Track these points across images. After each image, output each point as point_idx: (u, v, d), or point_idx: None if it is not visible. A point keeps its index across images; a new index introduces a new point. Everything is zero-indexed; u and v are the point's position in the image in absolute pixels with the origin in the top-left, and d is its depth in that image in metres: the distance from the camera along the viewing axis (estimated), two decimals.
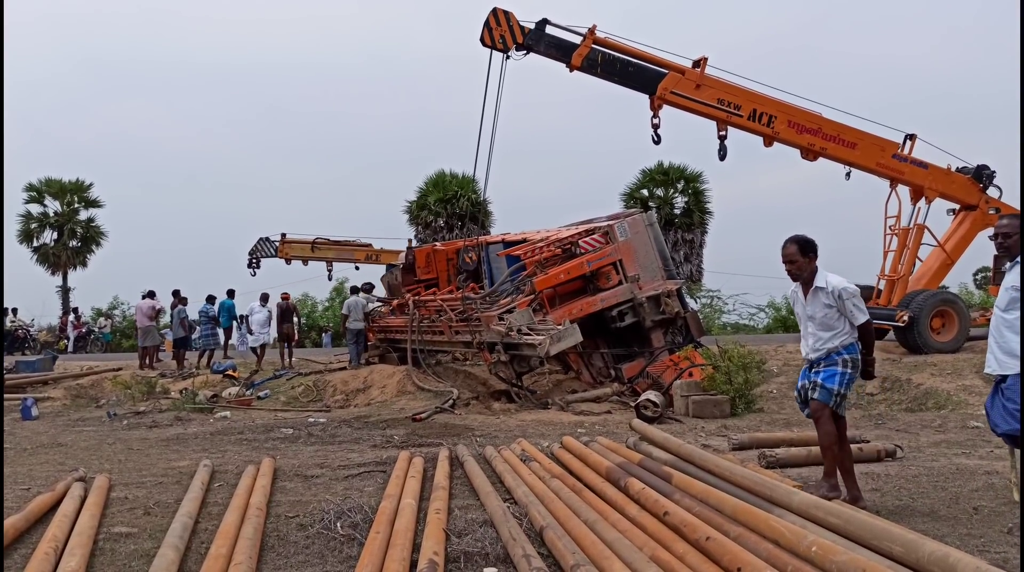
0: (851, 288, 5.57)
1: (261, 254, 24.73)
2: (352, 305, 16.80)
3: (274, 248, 24.75)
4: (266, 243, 24.72)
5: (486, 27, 13.14)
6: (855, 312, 5.51)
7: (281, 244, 24.80)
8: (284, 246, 24.86)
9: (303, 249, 25.18)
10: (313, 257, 25.33)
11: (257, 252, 24.71)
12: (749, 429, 9.87)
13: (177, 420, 12.25)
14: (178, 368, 17.82)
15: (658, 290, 13.68)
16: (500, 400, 13.19)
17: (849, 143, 14.43)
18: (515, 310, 12.39)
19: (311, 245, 25.24)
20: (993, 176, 15.46)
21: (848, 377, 5.53)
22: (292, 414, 12.88)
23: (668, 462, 6.11)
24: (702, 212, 33.02)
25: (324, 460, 8.07)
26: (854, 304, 5.52)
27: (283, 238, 24.88)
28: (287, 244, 24.92)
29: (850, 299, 5.51)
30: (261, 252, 24.73)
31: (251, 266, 24.72)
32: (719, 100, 13.73)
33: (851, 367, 5.54)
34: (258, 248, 24.73)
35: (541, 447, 8.09)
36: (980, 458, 7.48)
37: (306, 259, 25.36)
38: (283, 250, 24.84)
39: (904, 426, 9.94)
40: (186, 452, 8.97)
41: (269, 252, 24.75)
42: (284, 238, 24.91)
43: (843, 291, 5.54)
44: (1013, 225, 4.98)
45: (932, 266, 15.85)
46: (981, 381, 12.31)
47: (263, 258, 24.78)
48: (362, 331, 16.70)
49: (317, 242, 25.30)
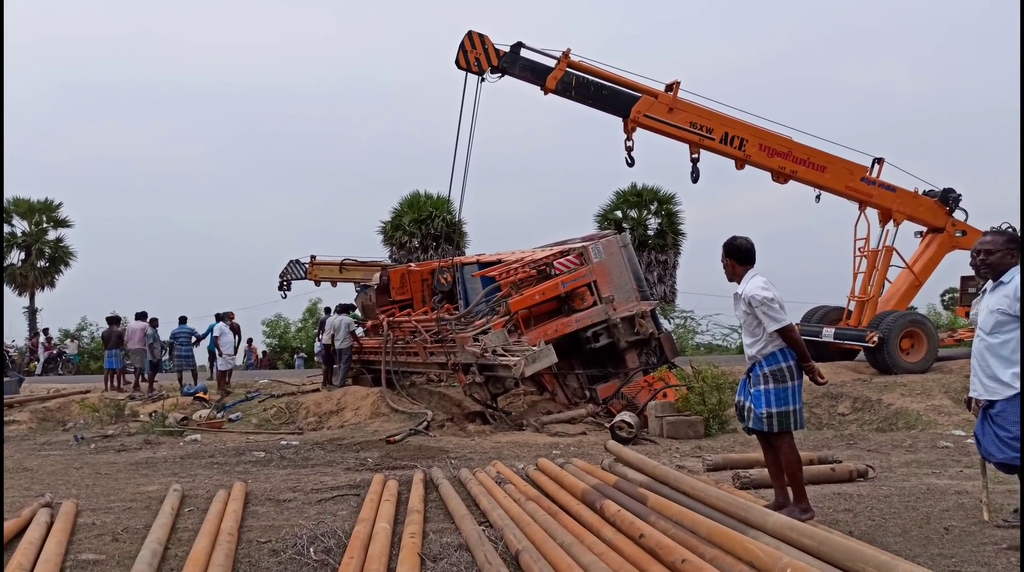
0: (763, 295, 5.33)
1: (292, 277, 24.60)
2: (336, 324, 16.66)
3: (304, 270, 24.57)
4: (296, 266, 24.58)
5: (461, 50, 13.23)
6: (765, 320, 5.31)
7: (311, 266, 24.58)
8: (313, 268, 24.65)
9: (331, 270, 24.95)
10: (341, 278, 25.05)
11: (288, 274, 24.58)
12: (723, 449, 9.91)
13: (146, 443, 12.05)
14: (148, 390, 17.56)
15: (632, 311, 13.74)
16: (475, 422, 13.14)
17: (819, 166, 14.67)
18: (490, 331, 12.39)
19: (339, 266, 25.03)
20: (959, 199, 15.77)
21: (774, 393, 5.35)
22: (264, 437, 12.72)
23: (643, 484, 6.11)
24: (675, 233, 33.26)
25: (297, 484, 7.97)
26: (764, 312, 5.31)
27: (312, 260, 24.65)
28: (316, 266, 24.69)
29: (760, 306, 5.31)
30: (291, 274, 24.60)
31: (282, 289, 24.72)
32: (692, 123, 13.91)
33: (773, 381, 5.35)
34: (288, 270, 24.59)
35: (516, 469, 8.05)
36: (950, 478, 7.56)
37: (335, 281, 25.15)
38: (312, 272, 24.66)
39: (875, 446, 10.03)
40: (155, 476, 8.82)
41: (299, 274, 24.60)
42: (313, 260, 24.68)
43: (752, 298, 5.36)
44: (996, 242, 4.84)
45: (901, 287, 16.10)
46: (950, 401, 12.49)
47: (293, 280, 24.68)
48: (348, 350, 16.55)
49: (345, 263, 25.05)
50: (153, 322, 18.66)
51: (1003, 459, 4.68)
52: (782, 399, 5.38)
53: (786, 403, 5.38)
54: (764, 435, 5.57)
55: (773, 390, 5.38)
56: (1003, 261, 4.78)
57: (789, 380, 5.39)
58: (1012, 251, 4.76)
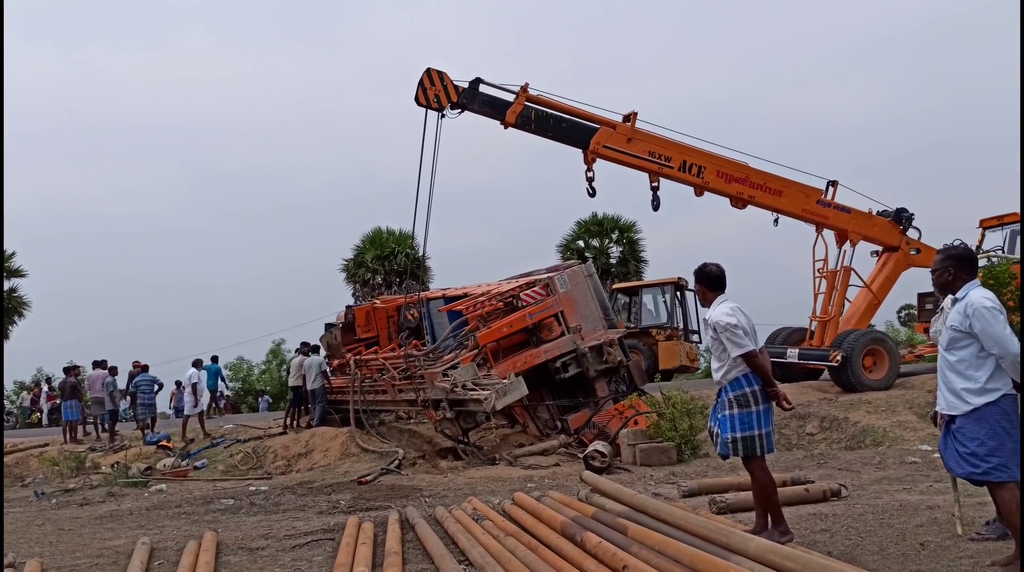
0: (726, 321, 5.42)
1: None
2: (308, 365, 16.53)
3: None
4: None
5: (420, 87, 13.31)
6: (729, 345, 5.40)
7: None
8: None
9: None
10: None
11: None
12: (697, 475, 9.94)
13: (110, 496, 11.72)
14: (109, 441, 17.11)
15: (600, 340, 13.78)
16: (447, 458, 13.02)
17: (775, 191, 14.95)
18: (459, 366, 12.33)
19: None
20: (912, 218, 16.17)
21: (738, 418, 5.40)
22: (232, 483, 12.45)
23: (622, 513, 6.10)
24: (637, 261, 33.55)
25: (269, 530, 7.80)
26: (727, 337, 5.40)
27: None
28: None
29: (724, 332, 5.41)
30: None
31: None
32: (650, 153, 14.11)
33: (737, 406, 5.42)
34: None
35: (492, 504, 7.98)
36: (921, 493, 7.67)
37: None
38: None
39: (846, 464, 10.14)
40: (121, 530, 8.57)
41: None
42: None
43: (717, 324, 5.45)
44: (936, 261, 4.88)
45: (860, 306, 16.39)
46: (915, 416, 12.70)
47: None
48: (321, 390, 16.34)
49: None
50: (112, 370, 18.28)
51: (961, 474, 4.75)
52: (746, 424, 5.43)
53: (751, 428, 5.43)
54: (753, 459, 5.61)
55: (738, 415, 5.44)
56: (942, 278, 4.85)
57: (753, 405, 5.45)
58: (949, 268, 4.80)
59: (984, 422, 4.56)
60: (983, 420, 4.56)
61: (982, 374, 4.58)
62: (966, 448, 4.64)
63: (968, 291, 4.71)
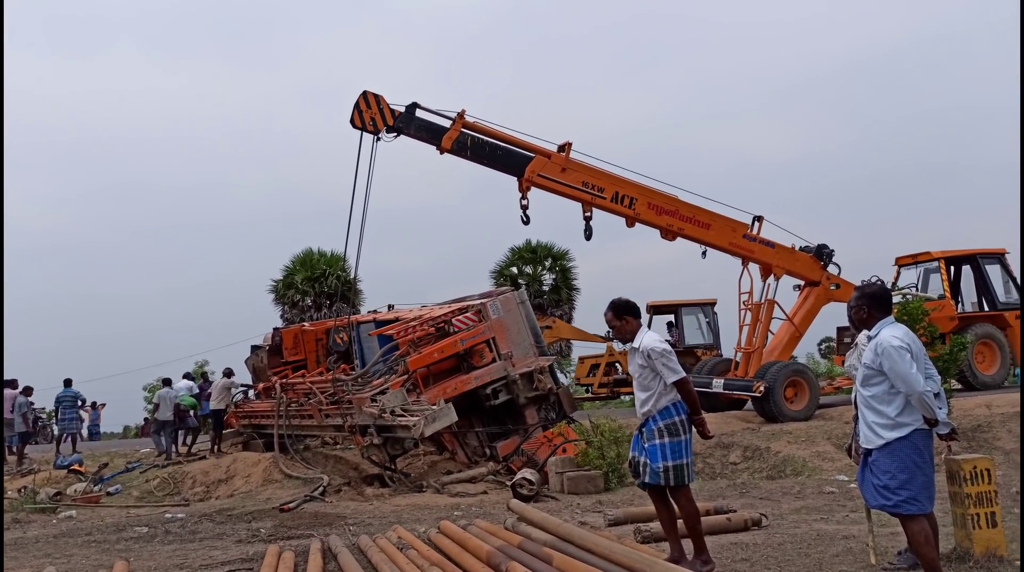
0: (661, 347, 5.54)
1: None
2: (161, 396, 16.79)
3: None
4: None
5: (356, 109, 13.23)
6: (665, 371, 5.47)
7: None
8: None
9: None
10: None
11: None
12: (623, 504, 10.01)
13: (15, 522, 11.14)
14: (17, 464, 16.31)
15: (531, 367, 13.81)
16: (373, 485, 12.81)
17: (704, 224, 15.31)
18: (388, 391, 12.19)
19: None
20: (832, 254, 16.74)
21: (669, 446, 5.47)
22: (147, 510, 11.99)
23: (548, 543, 6.10)
24: (570, 289, 33.84)
25: (184, 560, 7.54)
26: (663, 363, 5.48)
27: None
28: None
29: (659, 358, 5.49)
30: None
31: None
32: (584, 183, 14.31)
33: (668, 435, 5.48)
34: None
35: (418, 533, 7.88)
36: (838, 523, 7.88)
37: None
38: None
39: (766, 493, 10.36)
40: (26, 559, 8.16)
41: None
42: None
43: (651, 350, 5.53)
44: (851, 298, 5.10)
45: (783, 338, 16.85)
46: (832, 447, 13.06)
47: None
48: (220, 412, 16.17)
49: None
50: (26, 391, 17.51)
51: (875, 506, 4.92)
52: (677, 452, 5.50)
53: (680, 456, 5.50)
54: (658, 490, 5.67)
55: (669, 444, 5.50)
56: (858, 315, 5.04)
57: (682, 433, 5.53)
58: (864, 306, 5.00)
59: (895, 456, 4.73)
60: (895, 454, 4.73)
61: (893, 410, 4.76)
62: (879, 480, 4.80)
63: (881, 329, 4.89)
